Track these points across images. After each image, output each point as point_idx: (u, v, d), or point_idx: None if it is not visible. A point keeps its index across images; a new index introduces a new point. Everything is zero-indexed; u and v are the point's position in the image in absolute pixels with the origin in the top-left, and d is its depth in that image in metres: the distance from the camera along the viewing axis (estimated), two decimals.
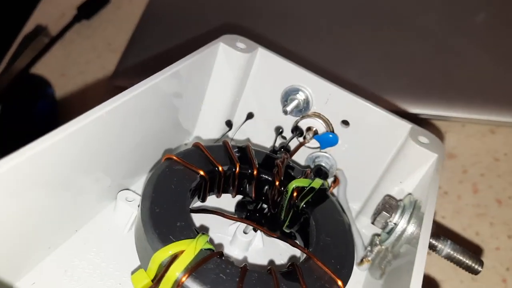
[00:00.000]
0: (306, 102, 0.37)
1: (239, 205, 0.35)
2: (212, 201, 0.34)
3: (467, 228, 0.42)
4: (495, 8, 0.54)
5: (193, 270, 0.25)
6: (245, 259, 0.33)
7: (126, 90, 0.29)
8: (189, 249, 0.25)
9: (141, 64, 0.53)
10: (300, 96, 0.37)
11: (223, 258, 0.26)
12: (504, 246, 0.41)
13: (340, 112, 0.37)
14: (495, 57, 0.50)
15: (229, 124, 0.39)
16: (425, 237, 0.27)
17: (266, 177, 0.33)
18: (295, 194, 0.32)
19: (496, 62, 0.50)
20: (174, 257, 0.25)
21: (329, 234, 0.30)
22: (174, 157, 0.31)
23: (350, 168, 0.38)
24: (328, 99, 0.37)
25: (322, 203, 0.32)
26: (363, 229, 0.38)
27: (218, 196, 0.33)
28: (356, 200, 0.39)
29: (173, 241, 0.26)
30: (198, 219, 0.34)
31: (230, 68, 0.37)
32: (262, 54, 0.37)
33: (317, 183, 0.33)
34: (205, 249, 0.26)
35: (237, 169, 0.32)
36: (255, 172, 0.33)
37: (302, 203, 0.32)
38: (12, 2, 0.64)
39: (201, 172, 0.31)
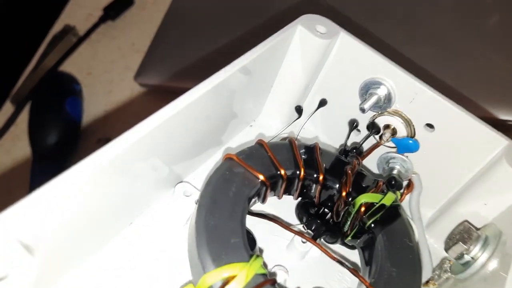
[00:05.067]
0: (388, 99, 0.33)
1: (300, 207, 0.33)
2: (272, 200, 0.32)
3: None
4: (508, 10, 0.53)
5: None
6: (300, 268, 0.31)
7: (202, 84, 0.27)
8: (241, 276, 0.24)
9: (163, 64, 0.54)
10: (382, 91, 0.33)
11: (276, 286, 0.25)
12: None
13: (426, 114, 0.32)
14: (507, 59, 0.50)
15: (299, 110, 0.36)
16: None
17: (332, 184, 0.30)
18: (362, 209, 0.29)
19: (508, 63, 0.49)
20: (225, 282, 0.23)
21: (396, 264, 0.27)
22: (235, 158, 0.29)
23: (427, 174, 0.34)
24: (414, 98, 0.32)
25: (392, 223, 0.29)
26: (431, 239, 0.35)
27: (279, 198, 0.31)
28: (429, 207, 0.35)
29: (225, 262, 0.24)
30: (257, 219, 0.32)
31: (306, 52, 0.33)
32: (344, 40, 0.33)
33: (389, 199, 0.29)
34: (258, 274, 0.24)
35: (302, 174, 0.30)
36: (321, 178, 0.30)
37: (370, 222, 0.29)
38: (41, 3, 0.67)
39: (262, 177, 0.28)
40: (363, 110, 0.32)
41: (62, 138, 0.48)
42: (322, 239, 0.32)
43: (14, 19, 0.67)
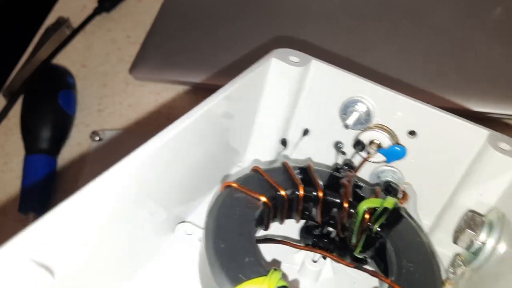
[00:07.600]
0: (367, 114, 0.34)
1: (303, 231, 0.32)
2: (273, 228, 0.31)
3: None
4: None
5: None
6: None
7: (179, 120, 0.27)
8: None
9: (159, 57, 0.54)
10: (361, 108, 0.34)
11: None
12: None
13: (406, 122, 0.34)
14: (510, 52, 0.50)
15: (284, 143, 0.37)
16: None
17: (333, 199, 0.31)
18: (367, 216, 0.29)
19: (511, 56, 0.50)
20: None
21: (411, 260, 0.27)
22: (234, 184, 0.29)
23: (419, 182, 0.35)
24: (392, 108, 0.34)
25: (398, 225, 0.29)
26: (437, 246, 0.35)
27: (281, 222, 0.31)
28: (427, 215, 0.36)
29: (244, 280, 0.23)
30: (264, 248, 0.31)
31: (283, 83, 0.35)
32: (316, 66, 0.35)
33: (389, 202, 0.30)
34: (278, 287, 0.24)
35: (301, 192, 0.30)
36: (320, 195, 0.30)
37: (377, 226, 0.29)
38: None
39: (264, 199, 0.28)
40: (347, 126, 0.34)
41: (55, 131, 0.47)
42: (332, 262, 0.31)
43: (6, 10, 0.65)
